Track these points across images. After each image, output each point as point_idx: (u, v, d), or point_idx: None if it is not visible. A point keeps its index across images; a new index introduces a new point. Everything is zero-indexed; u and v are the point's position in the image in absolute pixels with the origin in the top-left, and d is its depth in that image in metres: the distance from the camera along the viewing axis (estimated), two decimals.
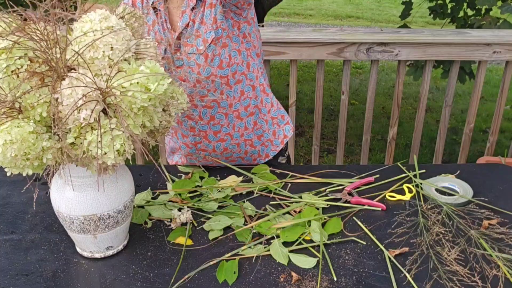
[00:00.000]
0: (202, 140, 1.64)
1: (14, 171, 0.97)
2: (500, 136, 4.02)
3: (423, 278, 1.18)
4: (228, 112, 1.60)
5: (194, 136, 1.63)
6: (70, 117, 0.97)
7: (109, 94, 0.99)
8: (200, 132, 1.62)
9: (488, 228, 1.34)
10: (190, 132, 1.62)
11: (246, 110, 1.63)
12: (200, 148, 1.66)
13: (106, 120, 1.00)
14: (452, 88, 2.59)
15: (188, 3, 1.49)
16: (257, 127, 1.68)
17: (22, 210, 1.43)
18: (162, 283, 1.16)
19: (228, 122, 1.62)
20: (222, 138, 1.64)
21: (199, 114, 1.59)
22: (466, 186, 1.53)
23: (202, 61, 1.49)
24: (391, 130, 2.68)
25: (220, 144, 1.65)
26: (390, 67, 6.02)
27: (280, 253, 1.24)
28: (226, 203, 1.45)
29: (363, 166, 1.71)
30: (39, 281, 1.17)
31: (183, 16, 1.49)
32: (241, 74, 1.58)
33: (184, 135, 1.65)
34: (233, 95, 1.58)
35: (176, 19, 1.52)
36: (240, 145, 1.68)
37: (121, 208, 1.20)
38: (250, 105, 1.63)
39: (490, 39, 2.42)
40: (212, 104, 1.57)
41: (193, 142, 1.65)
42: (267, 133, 1.72)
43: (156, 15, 1.52)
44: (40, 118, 1.00)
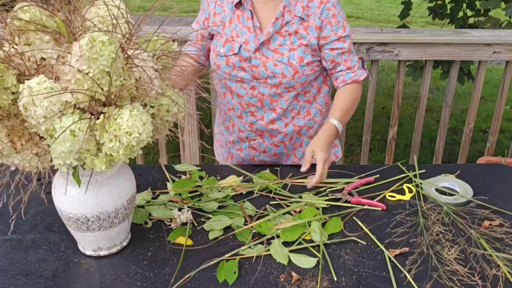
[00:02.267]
0: (257, 138, 1.70)
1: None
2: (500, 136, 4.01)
3: (423, 278, 1.18)
4: (289, 123, 1.67)
5: (251, 132, 1.69)
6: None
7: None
8: (257, 130, 1.69)
9: (488, 228, 1.34)
10: (249, 127, 1.68)
11: (308, 131, 1.71)
12: (252, 145, 1.73)
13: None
14: (452, 88, 2.59)
15: (283, 13, 1.57)
16: None
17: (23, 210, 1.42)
18: (162, 283, 1.16)
19: (287, 132, 1.69)
20: (276, 143, 1.71)
21: (263, 115, 1.65)
22: (466, 186, 1.53)
23: (291, 74, 1.58)
24: (391, 130, 2.68)
25: (272, 148, 1.72)
26: (390, 67, 6.02)
27: (280, 253, 1.24)
28: (226, 203, 1.45)
29: (363, 166, 1.71)
30: (39, 281, 1.17)
31: (275, 23, 1.57)
32: (313, 96, 1.68)
33: (241, 130, 1.71)
34: (299, 111, 1.67)
35: (264, 20, 1.60)
36: (289, 157, 1.76)
37: (123, 206, 1.20)
38: (313, 128, 1.71)
39: (490, 39, 2.42)
40: (278, 111, 1.65)
41: (247, 137, 1.71)
42: None
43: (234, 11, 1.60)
44: None
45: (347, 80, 1.63)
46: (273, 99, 1.63)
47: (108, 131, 0.99)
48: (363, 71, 1.65)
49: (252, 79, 1.61)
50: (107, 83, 0.98)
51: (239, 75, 1.61)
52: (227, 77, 1.63)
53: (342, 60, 1.62)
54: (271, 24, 1.57)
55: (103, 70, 0.97)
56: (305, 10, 1.57)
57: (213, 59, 1.65)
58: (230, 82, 1.64)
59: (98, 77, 0.97)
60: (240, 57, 1.59)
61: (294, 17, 1.57)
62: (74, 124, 0.97)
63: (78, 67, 0.96)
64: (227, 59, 1.61)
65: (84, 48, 0.95)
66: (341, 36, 1.60)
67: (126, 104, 1.03)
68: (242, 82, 1.62)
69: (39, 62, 1.02)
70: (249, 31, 1.58)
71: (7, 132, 1.02)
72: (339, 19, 1.59)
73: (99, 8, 1.06)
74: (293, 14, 1.57)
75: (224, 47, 1.61)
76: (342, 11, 1.61)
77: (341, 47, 1.60)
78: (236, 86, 1.64)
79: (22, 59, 0.99)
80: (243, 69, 1.60)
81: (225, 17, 1.62)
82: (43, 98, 0.94)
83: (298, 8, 1.57)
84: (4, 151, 1.01)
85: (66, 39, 1.03)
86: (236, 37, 1.60)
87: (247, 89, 1.63)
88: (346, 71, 1.63)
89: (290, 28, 1.58)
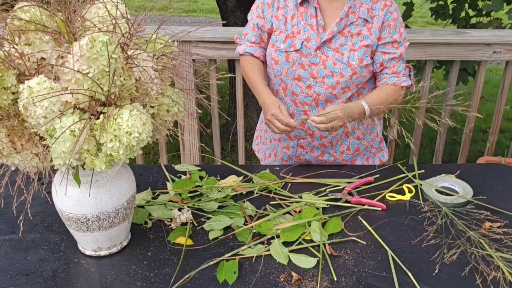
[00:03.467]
0: (306, 137, 1.71)
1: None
2: (500, 136, 4.01)
3: (424, 278, 1.18)
4: None
5: (301, 131, 1.70)
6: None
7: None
8: (308, 129, 1.69)
9: (488, 229, 1.34)
10: (300, 125, 1.68)
11: (355, 132, 1.73)
12: (300, 144, 1.74)
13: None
14: (452, 88, 2.59)
15: (347, 13, 1.58)
16: (356, 152, 1.78)
17: (22, 210, 1.43)
18: (162, 283, 1.16)
19: (337, 133, 1.69)
20: (325, 144, 1.73)
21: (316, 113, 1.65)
22: (466, 186, 1.53)
23: (349, 74, 1.60)
24: (391, 130, 2.67)
25: (320, 147, 1.73)
26: None
27: (280, 253, 1.24)
28: (226, 203, 1.45)
29: (363, 166, 1.71)
30: (39, 281, 1.17)
31: (339, 23, 1.58)
32: None
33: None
34: None
35: (327, 19, 1.61)
36: (337, 160, 1.77)
37: (123, 206, 1.20)
38: (360, 129, 1.73)
39: (490, 39, 2.42)
40: None
41: (297, 136, 1.72)
42: (361, 158, 1.81)
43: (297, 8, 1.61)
44: None
45: (389, 82, 1.65)
46: (328, 99, 1.64)
47: (108, 131, 0.99)
48: (407, 79, 1.66)
49: (309, 77, 1.62)
50: (107, 83, 0.98)
51: (298, 72, 1.62)
52: (285, 73, 1.64)
53: (391, 65, 1.64)
54: (335, 24, 1.59)
55: (103, 70, 0.97)
56: (369, 12, 1.60)
57: (271, 54, 1.66)
58: (286, 79, 1.65)
59: (98, 77, 0.97)
60: (301, 53, 1.60)
61: (358, 19, 1.60)
62: (74, 124, 0.97)
63: (78, 67, 0.96)
64: (287, 55, 1.61)
65: (84, 48, 0.95)
66: (395, 41, 1.62)
67: (126, 104, 1.03)
68: (298, 80, 1.63)
69: (39, 62, 1.02)
70: (312, 28, 1.59)
71: (7, 132, 1.02)
72: (397, 24, 1.62)
73: (99, 8, 1.06)
74: (357, 15, 1.59)
75: (284, 43, 1.61)
76: (400, 17, 1.64)
77: (393, 52, 1.63)
78: (292, 84, 1.64)
79: (22, 59, 0.99)
80: (302, 66, 1.61)
81: (287, 12, 1.63)
82: (43, 99, 0.94)
83: (363, 10, 1.59)
84: (4, 151, 1.01)
85: (66, 39, 1.03)
86: (298, 34, 1.60)
87: (303, 88, 1.63)
88: (391, 74, 1.65)
89: (353, 29, 1.60)
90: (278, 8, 1.64)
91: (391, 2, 1.63)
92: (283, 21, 1.63)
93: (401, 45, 1.65)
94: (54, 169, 1.06)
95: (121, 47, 1.02)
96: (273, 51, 1.65)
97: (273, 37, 1.65)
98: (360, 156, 1.80)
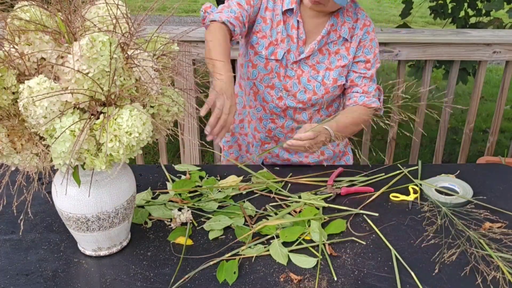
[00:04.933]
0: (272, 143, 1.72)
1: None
2: (500, 136, 4.01)
3: (424, 278, 1.18)
4: None
5: (267, 137, 1.72)
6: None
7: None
8: (274, 136, 1.71)
9: (487, 229, 1.34)
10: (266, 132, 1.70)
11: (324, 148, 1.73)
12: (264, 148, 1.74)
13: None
14: (452, 88, 2.59)
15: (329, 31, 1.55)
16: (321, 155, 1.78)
17: (22, 210, 1.43)
18: (162, 283, 1.16)
19: None
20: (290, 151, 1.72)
21: (283, 123, 1.67)
22: (466, 186, 1.53)
23: (322, 92, 1.59)
24: (391, 130, 2.68)
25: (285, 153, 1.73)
26: (390, 67, 6.01)
27: (280, 253, 1.24)
28: (226, 203, 1.45)
29: (363, 166, 1.71)
30: (39, 281, 1.17)
31: (320, 41, 1.56)
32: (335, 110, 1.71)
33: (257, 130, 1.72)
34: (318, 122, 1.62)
35: (309, 34, 1.58)
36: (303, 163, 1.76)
37: (123, 206, 1.20)
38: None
39: (490, 39, 2.42)
40: (299, 122, 1.66)
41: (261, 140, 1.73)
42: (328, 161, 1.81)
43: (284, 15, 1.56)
44: None
45: (359, 102, 1.62)
46: (296, 111, 1.64)
47: (108, 131, 0.99)
48: (376, 101, 1.64)
49: (282, 89, 1.60)
50: (107, 83, 0.98)
51: (273, 81, 1.59)
52: (260, 79, 1.61)
53: (362, 84, 1.62)
54: (316, 42, 1.56)
55: (103, 70, 0.97)
56: (350, 31, 1.58)
57: (249, 55, 1.61)
58: (259, 85, 1.62)
59: (98, 77, 0.97)
60: (281, 64, 1.57)
61: (338, 38, 1.58)
62: (74, 124, 0.97)
63: (78, 67, 0.96)
64: (267, 62, 1.58)
65: (84, 48, 0.95)
66: (368, 61, 1.61)
67: (126, 104, 1.03)
68: (271, 89, 1.61)
69: (39, 62, 1.02)
70: (292, 40, 1.56)
71: (7, 132, 1.02)
72: (373, 44, 1.62)
73: (99, 8, 1.06)
74: (338, 34, 1.57)
75: (267, 50, 1.57)
76: (376, 38, 1.64)
77: (363, 72, 1.62)
78: (264, 91, 1.62)
79: (22, 59, 0.99)
80: (278, 76, 1.58)
81: (274, 17, 1.57)
82: (43, 98, 0.94)
83: (345, 29, 1.57)
84: (4, 151, 1.01)
85: (66, 39, 1.03)
86: (281, 42, 1.56)
87: (274, 97, 1.62)
88: (361, 94, 1.63)
89: (331, 48, 1.59)
90: (266, 9, 1.57)
91: (370, 22, 1.62)
92: (270, 25, 1.57)
93: (373, 66, 1.63)
94: (54, 169, 1.06)
95: (121, 47, 1.02)
96: (253, 53, 1.59)
97: (255, 38, 1.59)
98: (326, 160, 1.79)
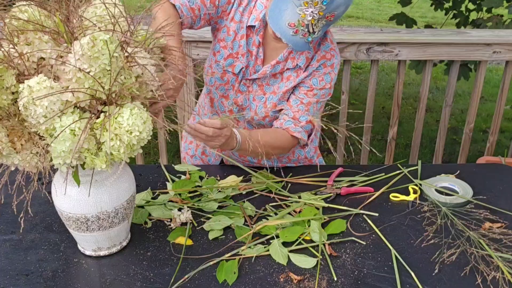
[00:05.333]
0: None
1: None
2: (500, 136, 4.01)
3: (424, 278, 1.18)
4: None
5: None
6: None
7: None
8: None
9: (487, 229, 1.34)
10: None
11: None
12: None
13: None
14: (452, 88, 2.59)
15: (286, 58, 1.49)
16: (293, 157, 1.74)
17: (22, 210, 1.42)
18: (162, 283, 1.16)
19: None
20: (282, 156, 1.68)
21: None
22: (466, 186, 1.53)
23: (262, 115, 1.55)
24: (391, 130, 2.67)
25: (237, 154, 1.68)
26: (390, 67, 6.01)
27: (280, 253, 1.24)
28: (226, 203, 1.45)
29: (363, 166, 1.71)
30: (39, 281, 1.17)
31: (275, 66, 1.51)
32: None
33: None
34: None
35: (268, 55, 1.52)
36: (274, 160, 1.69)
37: (122, 206, 1.20)
38: None
39: (490, 39, 2.42)
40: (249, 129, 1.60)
41: None
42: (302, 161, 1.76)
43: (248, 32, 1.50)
44: None
45: (284, 126, 1.51)
46: (246, 127, 1.62)
47: (109, 130, 0.99)
48: (304, 134, 1.52)
49: (233, 103, 1.57)
50: (108, 82, 0.98)
51: (228, 92, 1.56)
52: (216, 87, 1.57)
53: (295, 109, 1.51)
54: (270, 66, 1.50)
55: (104, 69, 0.97)
56: (307, 61, 1.50)
57: (210, 61, 1.57)
58: (215, 93, 1.58)
59: (99, 76, 0.97)
60: (237, 78, 1.54)
61: (294, 66, 1.51)
62: (74, 123, 0.97)
63: (79, 66, 0.96)
64: (224, 72, 1.54)
65: (85, 47, 0.95)
66: (312, 89, 1.50)
67: (126, 103, 1.03)
68: (226, 99, 1.58)
69: (39, 62, 1.02)
70: (251, 57, 1.52)
71: (7, 132, 1.02)
72: (325, 79, 1.51)
73: (96, 7, 1.06)
74: (295, 62, 1.50)
75: (225, 61, 1.53)
76: (335, 77, 1.53)
77: (302, 98, 1.51)
78: (219, 100, 1.59)
79: (22, 59, 0.99)
80: (233, 88, 1.55)
81: (239, 29, 1.51)
82: (43, 97, 0.94)
83: (303, 58, 1.49)
84: (4, 151, 1.01)
85: (65, 39, 1.03)
86: (241, 56, 1.51)
87: (226, 108, 1.59)
88: (290, 118, 1.51)
89: (285, 74, 1.52)
90: (232, 20, 1.50)
91: (332, 56, 1.51)
92: (232, 37, 1.51)
93: (315, 97, 1.51)
94: (54, 168, 1.06)
95: (121, 45, 1.02)
96: (213, 60, 1.56)
97: (217, 46, 1.54)
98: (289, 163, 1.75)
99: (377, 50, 2.42)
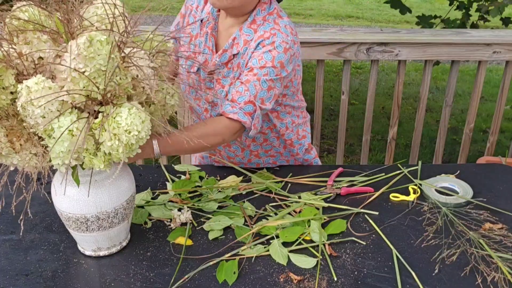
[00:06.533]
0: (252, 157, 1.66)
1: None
2: (500, 136, 4.01)
3: (424, 278, 1.18)
4: (280, 137, 1.62)
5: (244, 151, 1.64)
6: None
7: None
8: (252, 151, 1.64)
9: (488, 230, 1.34)
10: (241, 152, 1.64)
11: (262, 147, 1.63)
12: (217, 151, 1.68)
13: None
14: (452, 88, 2.59)
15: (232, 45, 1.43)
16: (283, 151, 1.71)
17: (22, 210, 1.42)
18: (162, 283, 1.16)
19: (280, 143, 1.64)
20: (273, 154, 1.67)
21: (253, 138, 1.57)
22: (466, 186, 1.53)
23: None
24: (391, 130, 2.67)
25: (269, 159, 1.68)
26: (390, 67, 6.01)
27: (280, 253, 1.24)
28: (226, 203, 1.45)
29: (363, 166, 1.71)
30: (39, 281, 1.17)
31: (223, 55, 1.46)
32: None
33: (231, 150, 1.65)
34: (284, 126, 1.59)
35: (220, 46, 1.50)
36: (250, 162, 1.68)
37: (122, 206, 1.20)
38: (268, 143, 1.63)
39: (490, 39, 2.42)
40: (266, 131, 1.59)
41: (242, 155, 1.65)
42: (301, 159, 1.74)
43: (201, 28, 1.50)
44: None
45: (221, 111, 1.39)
46: None
47: (107, 130, 0.99)
48: (243, 115, 1.36)
49: (205, 102, 1.55)
50: (103, 82, 0.98)
51: (198, 93, 1.55)
52: (187, 92, 1.57)
53: (234, 91, 1.39)
54: (218, 55, 1.45)
55: (99, 69, 0.97)
56: (246, 43, 1.42)
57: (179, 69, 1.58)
58: (189, 98, 1.58)
59: (94, 76, 0.97)
60: (200, 76, 1.52)
61: (238, 52, 1.43)
62: (72, 123, 0.97)
63: (74, 65, 0.96)
64: (188, 75, 1.54)
65: (81, 47, 0.94)
66: (253, 69, 1.37)
67: (122, 102, 1.03)
68: (199, 101, 1.57)
69: (37, 61, 1.02)
70: (209, 50, 1.49)
71: (6, 132, 1.02)
72: (267, 58, 1.37)
73: (97, 7, 1.06)
74: (239, 47, 1.43)
75: (186, 62, 1.53)
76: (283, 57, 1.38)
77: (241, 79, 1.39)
78: (194, 102, 1.58)
79: (21, 58, 0.99)
80: (201, 88, 1.53)
81: (194, 30, 1.51)
82: (41, 98, 0.94)
83: (241, 42, 1.42)
84: (3, 151, 1.01)
85: (64, 39, 1.03)
86: (199, 55, 1.50)
87: (202, 109, 1.58)
88: (229, 102, 1.38)
89: (234, 62, 1.45)
90: (187, 23, 1.54)
91: (271, 34, 1.38)
92: (189, 39, 1.52)
93: (256, 76, 1.36)
94: (54, 169, 1.06)
95: (118, 46, 1.02)
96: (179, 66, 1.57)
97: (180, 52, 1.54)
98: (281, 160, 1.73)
99: (377, 50, 2.42)
